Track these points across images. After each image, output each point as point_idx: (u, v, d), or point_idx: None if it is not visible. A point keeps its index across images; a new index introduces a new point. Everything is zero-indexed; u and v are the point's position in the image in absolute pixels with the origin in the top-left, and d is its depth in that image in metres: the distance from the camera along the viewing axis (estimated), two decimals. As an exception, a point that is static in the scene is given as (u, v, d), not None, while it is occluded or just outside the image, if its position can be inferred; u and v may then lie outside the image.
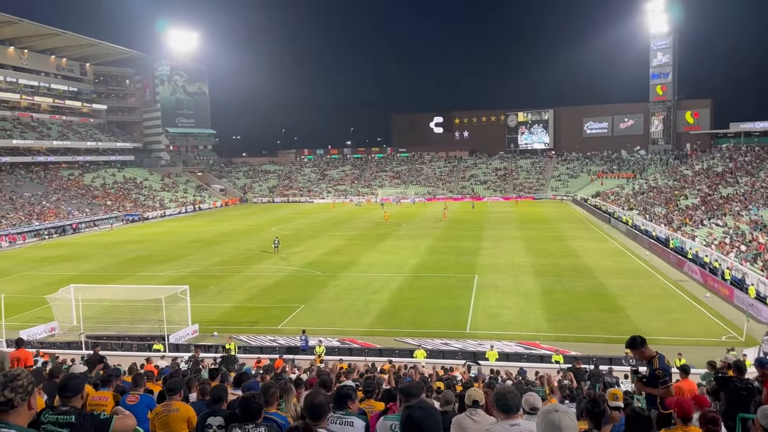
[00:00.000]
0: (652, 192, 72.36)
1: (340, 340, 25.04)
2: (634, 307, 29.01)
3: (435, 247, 48.19)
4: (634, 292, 32.12)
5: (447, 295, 32.24)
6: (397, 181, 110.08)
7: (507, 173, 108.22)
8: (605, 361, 19.88)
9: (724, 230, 44.30)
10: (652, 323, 26.34)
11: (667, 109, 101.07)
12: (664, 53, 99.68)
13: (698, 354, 20.24)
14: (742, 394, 7.18)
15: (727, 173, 66.60)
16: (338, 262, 42.13)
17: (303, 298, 32.06)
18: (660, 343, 23.58)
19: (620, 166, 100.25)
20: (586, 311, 28.62)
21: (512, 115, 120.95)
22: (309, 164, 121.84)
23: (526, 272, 37.69)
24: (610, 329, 25.70)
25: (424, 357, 21.58)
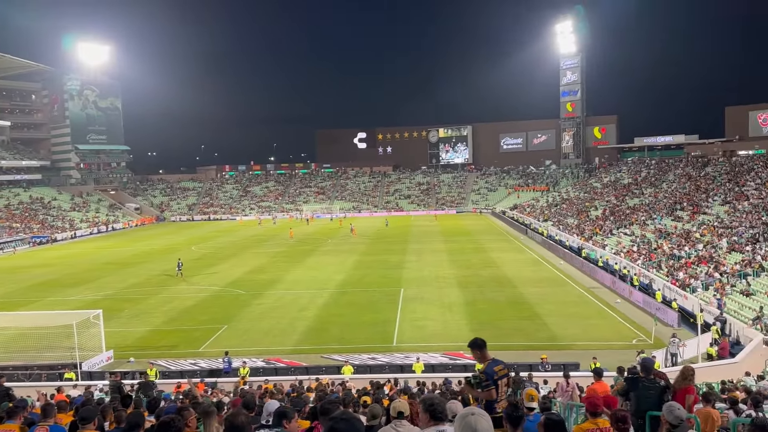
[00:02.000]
0: (564, 204, 75.99)
1: (265, 360, 24.51)
2: (551, 314, 30.21)
3: (361, 262, 48.30)
4: (550, 300, 33.47)
5: (373, 310, 32.35)
6: (322, 196, 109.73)
7: (430, 187, 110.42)
8: (525, 368, 20.53)
9: (632, 239, 47.12)
10: (568, 329, 27.53)
11: (576, 125, 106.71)
12: (573, 72, 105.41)
13: (612, 357, 21.36)
14: (650, 393, 7.65)
15: (633, 185, 71.03)
16: (262, 280, 41.34)
17: (225, 319, 31.19)
18: (576, 348, 24.78)
19: (535, 180, 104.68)
20: (507, 320, 29.53)
21: (433, 131, 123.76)
22: (230, 181, 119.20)
23: (449, 284, 38.46)
24: (529, 336, 26.64)
25: (351, 372, 21.50)
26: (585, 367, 20.50)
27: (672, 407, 5.07)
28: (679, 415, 4.97)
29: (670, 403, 5.27)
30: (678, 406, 5.16)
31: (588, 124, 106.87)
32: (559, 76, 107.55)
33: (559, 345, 25.39)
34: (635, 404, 7.62)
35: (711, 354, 23.54)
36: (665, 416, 5.00)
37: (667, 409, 5.05)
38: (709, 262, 34.68)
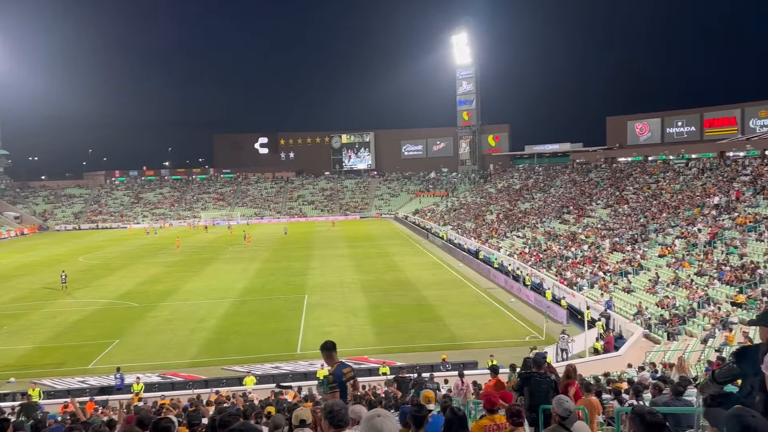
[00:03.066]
0: (462, 208, 78.76)
1: (161, 374, 23.36)
2: (450, 315, 31.15)
3: (263, 270, 47.33)
4: (450, 301, 34.52)
5: (277, 318, 31.80)
6: (222, 202, 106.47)
7: (333, 193, 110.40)
8: (427, 369, 21.00)
9: (524, 241, 49.63)
10: (467, 329, 28.52)
11: (472, 133, 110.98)
12: (468, 82, 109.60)
13: (507, 354, 22.35)
14: (542, 387, 8.07)
15: (524, 190, 74.92)
16: (157, 291, 39.41)
17: (117, 333, 29.42)
18: (474, 347, 25.70)
19: (435, 186, 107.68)
20: (410, 323, 30.09)
21: (336, 137, 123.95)
22: (121, 187, 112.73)
23: (354, 289, 38.61)
24: (431, 338, 27.31)
25: (253, 383, 20.99)
26: (483, 365, 21.30)
27: (561, 400, 5.36)
28: (568, 407, 5.27)
29: (558, 396, 5.58)
30: (566, 398, 5.48)
31: (483, 133, 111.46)
32: (455, 85, 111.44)
33: (458, 345, 26.21)
34: (529, 399, 8.00)
35: (597, 348, 25.25)
36: (555, 408, 5.28)
37: (557, 401, 5.33)
38: (594, 262, 37.23)
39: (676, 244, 34.78)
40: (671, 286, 29.27)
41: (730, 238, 32.09)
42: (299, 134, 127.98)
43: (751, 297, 24.45)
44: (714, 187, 42.71)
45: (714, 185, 43.41)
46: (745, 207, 36.01)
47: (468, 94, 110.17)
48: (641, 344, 24.60)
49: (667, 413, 7.15)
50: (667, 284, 29.63)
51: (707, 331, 23.34)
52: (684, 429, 6.60)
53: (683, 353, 20.81)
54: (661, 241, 36.58)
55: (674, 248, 34.26)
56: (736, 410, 2.77)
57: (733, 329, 22.20)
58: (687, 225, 37.16)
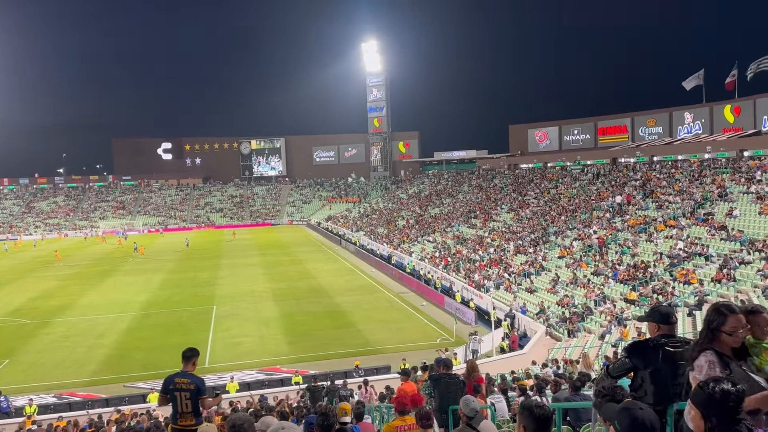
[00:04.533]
0: (375, 214, 79.47)
1: (56, 395, 21.79)
2: (363, 321, 31.31)
3: (168, 281, 45.37)
4: (363, 307, 34.69)
5: (183, 331, 30.58)
6: (122, 211, 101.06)
7: (243, 200, 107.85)
8: (341, 375, 20.95)
9: (434, 245, 50.79)
10: (379, 334, 28.77)
11: (383, 140, 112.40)
12: (379, 89, 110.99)
13: (419, 357, 22.69)
14: (452, 388, 8.27)
15: (434, 196, 76.72)
16: (51, 307, 36.79)
17: (6, 353, 27.16)
18: (387, 351, 25.94)
19: (347, 192, 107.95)
20: (323, 330, 29.94)
21: (245, 142, 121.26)
22: (10, 195, 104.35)
23: (265, 298, 37.87)
24: (344, 344, 27.30)
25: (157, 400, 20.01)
26: (396, 369, 21.53)
27: (467, 400, 5.52)
28: (474, 407, 5.43)
29: (465, 396, 5.75)
30: (473, 399, 5.65)
31: (393, 139, 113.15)
32: (366, 92, 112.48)
33: (372, 350, 26.37)
34: (438, 400, 8.18)
35: (503, 347, 26.24)
36: (462, 409, 5.43)
37: (463, 402, 5.49)
38: (500, 264, 38.73)
39: (573, 245, 36.85)
40: (570, 285, 30.97)
41: (623, 239, 34.42)
42: (206, 139, 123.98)
43: (643, 294, 26.32)
44: (607, 192, 45.68)
45: (607, 189, 46.42)
46: (635, 210, 38.78)
47: (378, 101, 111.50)
48: (544, 342, 25.84)
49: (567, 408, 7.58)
50: (567, 284, 31.32)
51: (604, 327, 24.87)
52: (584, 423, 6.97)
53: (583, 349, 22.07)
54: (560, 243, 38.63)
55: (572, 250, 36.29)
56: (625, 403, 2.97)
57: (627, 325, 23.78)
58: (583, 227, 39.48)
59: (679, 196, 37.74)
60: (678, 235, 31.33)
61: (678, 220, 33.52)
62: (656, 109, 68.25)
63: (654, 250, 30.78)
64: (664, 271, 27.97)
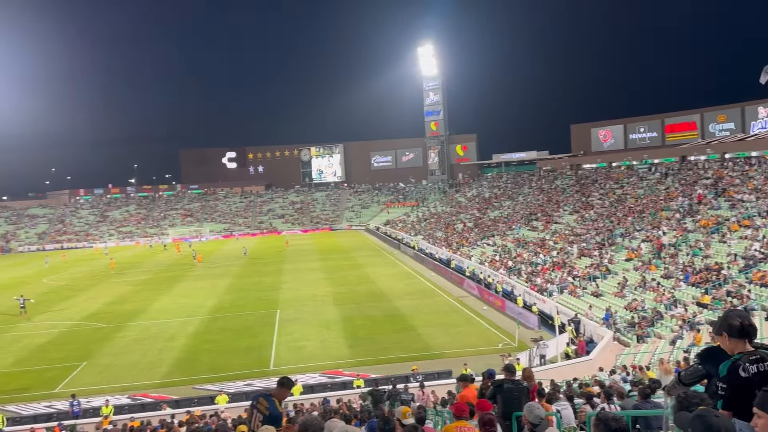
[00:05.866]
0: (433, 218, 79.15)
1: (130, 396, 22.81)
2: (424, 325, 31.19)
3: (234, 286, 46.73)
4: (423, 311, 34.57)
5: (249, 334, 31.38)
6: (190, 219, 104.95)
7: (304, 206, 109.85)
8: (402, 380, 20.95)
9: (494, 249, 50.09)
10: (440, 338, 28.58)
11: (440, 143, 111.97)
12: (435, 93, 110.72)
13: (481, 362, 22.39)
14: (515, 394, 8.11)
15: (493, 199, 75.71)
16: (125, 311, 38.56)
17: (84, 355, 28.65)
18: (448, 356, 25.74)
19: (405, 196, 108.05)
20: (384, 334, 30.03)
21: (305, 149, 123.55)
22: (86, 205, 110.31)
23: (326, 302, 38.37)
24: (405, 348, 27.27)
25: (226, 402, 20.64)
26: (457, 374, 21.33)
27: (532, 407, 5.40)
28: (539, 414, 5.31)
29: (529, 403, 5.62)
30: (537, 405, 5.52)
31: (451, 142, 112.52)
32: (423, 96, 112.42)
33: (432, 354, 26.23)
34: (501, 406, 8.03)
35: (568, 353, 25.55)
36: (526, 416, 5.31)
37: (527, 409, 5.37)
38: (563, 267, 37.76)
39: (642, 247, 35.51)
40: (639, 289, 29.84)
41: (694, 240, 32.91)
42: (268, 148, 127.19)
43: (716, 298, 25.08)
44: (676, 191, 43.80)
45: (676, 189, 44.52)
46: (707, 209, 37.01)
47: (435, 105, 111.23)
48: (611, 347, 24.99)
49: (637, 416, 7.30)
50: (635, 287, 30.20)
51: (675, 332, 23.82)
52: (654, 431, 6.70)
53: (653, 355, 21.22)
54: (627, 245, 37.31)
55: (640, 252, 34.97)
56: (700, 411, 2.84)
57: (700, 330, 22.71)
58: (652, 228, 37.99)
59: (753, 194, 35.76)
60: (753, 236, 29.70)
61: (753, 220, 31.80)
62: (727, 104, 65.03)
63: (727, 252, 29.27)
64: (738, 273, 26.55)
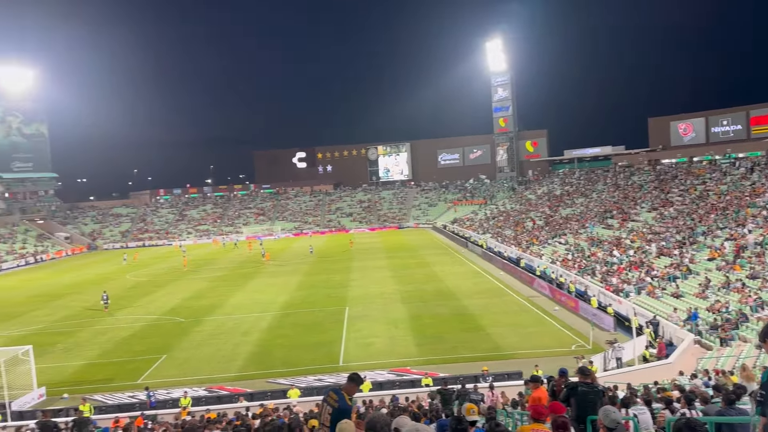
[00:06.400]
0: (501, 216, 77.87)
1: (207, 388, 23.76)
2: (493, 324, 30.75)
3: (304, 283, 47.77)
4: (492, 310, 34.09)
5: (319, 330, 32.00)
6: (263, 217, 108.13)
7: (371, 204, 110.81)
8: (471, 380, 20.75)
9: (566, 247, 48.72)
10: (510, 338, 28.09)
11: (509, 140, 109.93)
12: (504, 88, 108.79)
13: (553, 364, 21.83)
14: (590, 397, 7.87)
15: (565, 196, 73.63)
16: (202, 306, 40.20)
17: (164, 348, 30.09)
18: (518, 356, 25.27)
19: (473, 194, 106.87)
20: (452, 332, 29.84)
21: (372, 148, 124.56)
22: (166, 205, 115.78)
23: (394, 300, 38.56)
24: (473, 348, 26.99)
25: (298, 396, 21.13)
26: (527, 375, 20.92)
27: (608, 411, 5.23)
28: (615, 418, 5.14)
29: (605, 407, 5.44)
30: (614, 409, 5.34)
31: (520, 139, 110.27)
32: (491, 92, 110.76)
33: (501, 355, 25.84)
34: (575, 410, 7.82)
35: (646, 356, 24.52)
36: (601, 419, 5.15)
37: (603, 412, 5.20)
38: (640, 267, 36.25)
39: (725, 246, 33.58)
40: (722, 290, 28.24)
41: (784, 238, 30.81)
42: (336, 147, 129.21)
43: (809, 300, 23.39)
44: (763, 187, 41.12)
45: (763, 185, 41.80)
46: (799, 206, 34.57)
47: (504, 101, 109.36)
48: (692, 351, 23.80)
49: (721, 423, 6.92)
50: (718, 288, 28.61)
51: (763, 336, 22.36)
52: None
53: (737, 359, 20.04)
54: (709, 243, 35.39)
55: (724, 251, 33.08)
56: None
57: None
58: (737, 226, 35.86)
59: None
60: None
61: None
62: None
63: (825, 251, 27.22)
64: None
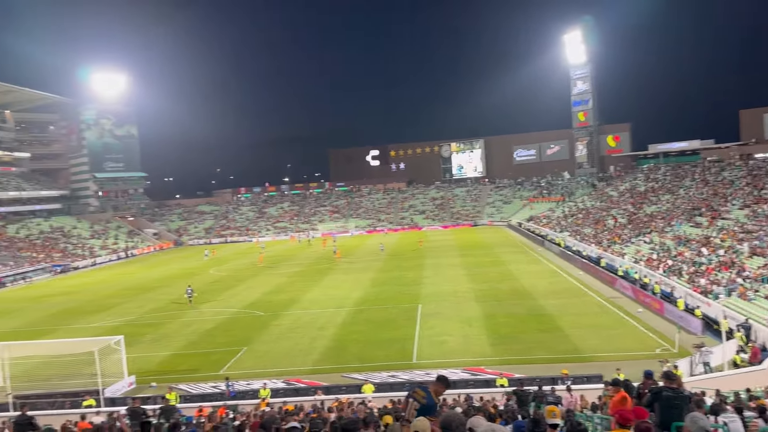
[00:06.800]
0: (580, 214, 75.38)
1: (285, 380, 24.47)
2: (572, 326, 29.85)
3: (377, 279, 48.23)
4: (570, 311, 33.09)
5: (392, 327, 32.21)
6: (337, 215, 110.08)
7: (444, 202, 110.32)
8: (548, 381, 20.25)
9: (651, 246, 46.54)
10: (590, 340, 27.17)
11: (589, 134, 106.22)
12: (584, 81, 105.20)
13: (635, 368, 20.93)
14: (675, 403, 7.51)
15: (650, 192, 70.31)
16: (280, 301, 41.42)
17: (245, 341, 31.25)
18: (599, 359, 24.41)
19: (550, 191, 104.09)
20: (527, 333, 29.23)
21: (446, 145, 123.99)
22: (246, 203, 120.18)
23: (468, 298, 38.21)
24: (550, 349, 26.31)
25: (372, 391, 21.38)
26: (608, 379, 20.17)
27: (696, 418, 4.98)
28: (704, 425, 4.88)
29: (693, 413, 5.17)
30: (701, 416, 5.07)
31: (601, 133, 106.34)
32: (569, 86, 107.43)
33: (581, 357, 25.04)
34: (659, 416, 7.48)
35: (737, 361, 23.06)
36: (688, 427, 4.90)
37: (691, 419, 4.95)
38: (731, 268, 34.11)
39: (831, 246, 31.00)
40: (827, 293, 26.10)
41: None
42: (409, 145, 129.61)
43: None
44: None
45: None
46: None
47: (583, 94, 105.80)
48: (790, 358, 22.13)
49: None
50: (822, 292, 26.46)
51: None
52: None
53: None
54: (812, 243, 32.78)
55: (829, 251, 30.55)
56: None
57: None
58: (844, 225, 33.02)
59: None
60: None
61: None
62: None
63: None
64: None
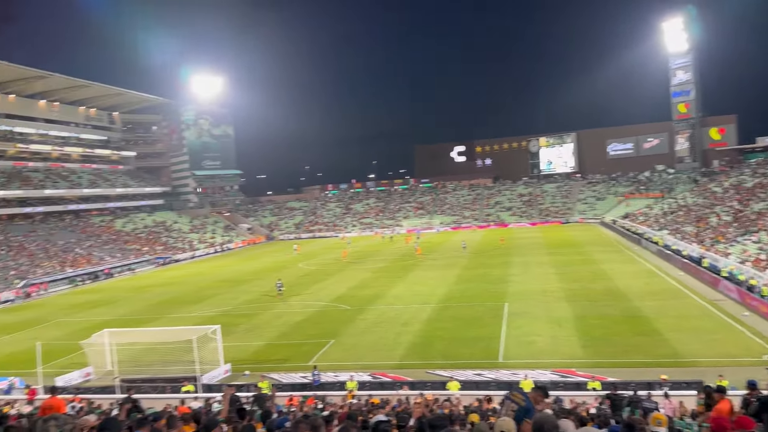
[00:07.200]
0: (681, 211, 71.06)
1: (371, 374, 24.78)
2: (670, 329, 28.20)
3: (462, 276, 47.81)
4: (669, 313, 31.28)
5: (478, 325, 31.83)
6: (422, 211, 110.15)
7: (532, 198, 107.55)
8: (644, 386, 19.27)
9: (759, 246, 43.13)
10: (691, 345, 25.58)
11: (691, 127, 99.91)
12: (685, 71, 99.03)
13: (740, 375, 19.49)
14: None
15: (758, 188, 65.11)
16: (366, 296, 42.03)
17: (332, 333, 31.97)
18: (700, 365, 22.98)
19: (647, 187, 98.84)
20: (622, 335, 27.93)
21: (534, 140, 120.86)
22: (333, 199, 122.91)
23: (557, 298, 37.06)
24: (647, 353, 25.01)
25: (457, 389, 21.22)
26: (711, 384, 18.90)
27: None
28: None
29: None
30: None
31: (704, 125, 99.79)
32: (668, 76, 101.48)
33: (680, 362, 23.61)
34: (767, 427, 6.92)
35: None
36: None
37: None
38: None
39: None
40: None
41: None
42: (495, 140, 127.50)
43: None
44: None
45: None
46: None
47: (684, 84, 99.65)
48: None
49: None
50: None
51: None
52: None
53: None
54: None
55: None
56: None
57: None
58: None
59: None
60: None
61: None
62: None
63: None
64: None
